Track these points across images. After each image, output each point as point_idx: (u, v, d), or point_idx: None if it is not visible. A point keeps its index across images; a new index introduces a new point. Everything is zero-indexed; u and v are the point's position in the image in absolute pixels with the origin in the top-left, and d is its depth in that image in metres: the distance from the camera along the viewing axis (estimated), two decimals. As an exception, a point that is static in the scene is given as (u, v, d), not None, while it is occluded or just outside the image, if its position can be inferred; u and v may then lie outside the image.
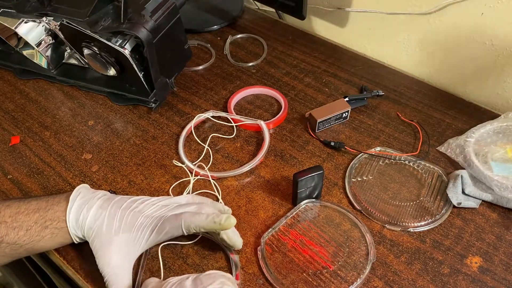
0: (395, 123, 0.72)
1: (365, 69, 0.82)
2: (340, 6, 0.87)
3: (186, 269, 0.54)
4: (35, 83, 0.81)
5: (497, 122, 0.66)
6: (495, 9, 0.68)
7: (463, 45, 0.75)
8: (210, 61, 0.85)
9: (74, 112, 0.75)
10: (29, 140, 0.71)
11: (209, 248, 0.56)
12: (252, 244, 0.57)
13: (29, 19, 0.72)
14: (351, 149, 0.68)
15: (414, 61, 0.83)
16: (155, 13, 0.67)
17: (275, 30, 0.92)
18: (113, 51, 0.66)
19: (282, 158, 0.67)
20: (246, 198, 0.62)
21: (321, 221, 0.59)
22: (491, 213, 0.60)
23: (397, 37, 0.83)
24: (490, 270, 0.54)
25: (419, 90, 0.78)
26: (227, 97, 0.77)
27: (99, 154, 0.68)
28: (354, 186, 0.63)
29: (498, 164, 0.61)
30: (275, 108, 0.76)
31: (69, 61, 0.79)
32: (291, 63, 0.84)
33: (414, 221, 0.59)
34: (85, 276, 0.54)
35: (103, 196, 0.52)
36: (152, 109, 0.74)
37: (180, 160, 0.67)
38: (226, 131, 0.72)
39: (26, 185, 0.64)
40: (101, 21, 0.68)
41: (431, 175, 0.64)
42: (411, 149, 0.68)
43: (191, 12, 0.96)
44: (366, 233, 0.57)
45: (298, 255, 0.55)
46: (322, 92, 0.78)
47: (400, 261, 0.55)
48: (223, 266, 0.55)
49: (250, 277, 0.54)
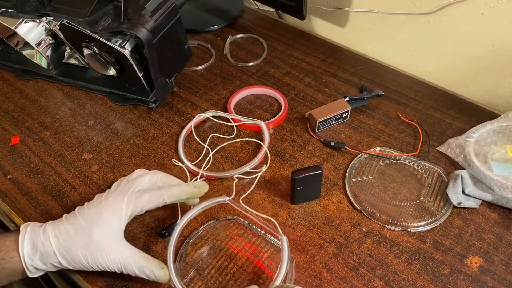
0: (395, 123, 0.72)
1: (365, 69, 0.82)
2: (340, 6, 0.87)
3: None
4: (35, 83, 0.81)
5: (497, 122, 0.66)
6: (495, 9, 0.68)
7: (463, 45, 0.75)
8: (210, 61, 0.85)
9: (74, 112, 0.75)
10: (29, 140, 0.71)
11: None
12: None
13: (29, 19, 0.72)
14: (351, 149, 0.68)
15: (414, 61, 0.83)
16: (155, 13, 0.67)
17: (275, 30, 0.92)
18: (113, 51, 0.66)
19: (282, 158, 0.67)
20: (246, 198, 0.62)
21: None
22: (491, 213, 0.60)
23: (397, 37, 0.83)
24: (490, 270, 0.54)
25: (419, 90, 0.78)
26: (227, 97, 0.77)
27: (99, 154, 0.68)
28: (354, 186, 0.63)
29: (498, 164, 0.61)
30: (275, 108, 0.76)
31: (69, 61, 0.79)
32: (291, 63, 0.84)
33: (414, 221, 0.59)
34: (85, 276, 0.54)
35: (50, 222, 0.50)
36: (152, 109, 0.74)
37: (180, 160, 0.67)
38: (226, 131, 0.72)
39: (26, 185, 0.64)
40: (101, 21, 0.68)
41: (431, 175, 0.64)
42: (411, 149, 0.68)
43: (191, 12, 0.96)
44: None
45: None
46: (322, 92, 0.78)
47: (400, 261, 0.55)
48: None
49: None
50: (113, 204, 0.50)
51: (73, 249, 0.48)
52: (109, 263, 0.48)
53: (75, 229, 0.49)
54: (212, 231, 0.58)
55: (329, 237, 0.58)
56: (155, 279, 0.49)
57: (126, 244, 0.50)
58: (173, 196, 0.53)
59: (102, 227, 0.49)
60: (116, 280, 0.53)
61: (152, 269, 0.49)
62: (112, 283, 0.53)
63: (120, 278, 0.53)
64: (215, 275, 0.54)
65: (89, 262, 0.48)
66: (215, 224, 0.59)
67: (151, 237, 0.58)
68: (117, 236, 0.50)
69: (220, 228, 0.59)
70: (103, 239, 0.48)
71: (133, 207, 0.50)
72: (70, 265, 0.48)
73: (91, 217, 0.49)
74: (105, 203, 0.50)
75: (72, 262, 0.48)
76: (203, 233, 0.58)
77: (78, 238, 0.48)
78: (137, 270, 0.49)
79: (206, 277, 0.54)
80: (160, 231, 0.58)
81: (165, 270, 0.50)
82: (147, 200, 0.51)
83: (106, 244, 0.48)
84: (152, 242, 0.57)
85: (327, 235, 0.58)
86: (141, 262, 0.49)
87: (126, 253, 0.49)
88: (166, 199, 0.53)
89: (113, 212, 0.50)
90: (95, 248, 0.48)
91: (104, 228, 0.49)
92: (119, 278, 0.53)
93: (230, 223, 0.59)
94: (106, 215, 0.49)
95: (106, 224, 0.49)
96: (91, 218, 0.49)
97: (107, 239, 0.49)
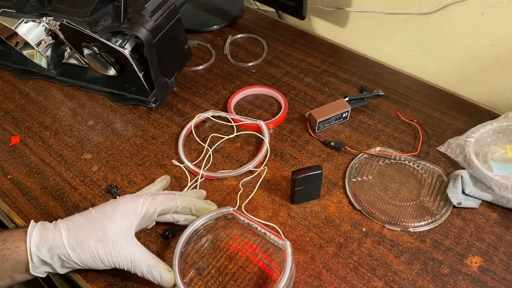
0: (395, 123, 0.72)
1: (365, 69, 0.82)
2: (340, 6, 0.87)
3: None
4: (35, 83, 0.81)
5: (497, 122, 0.66)
6: (495, 9, 0.68)
7: (463, 45, 0.75)
8: (210, 61, 0.85)
9: (74, 112, 0.75)
10: (29, 140, 0.71)
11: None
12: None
13: (29, 19, 0.72)
14: (351, 149, 0.68)
15: (414, 61, 0.83)
16: (155, 13, 0.67)
17: (275, 30, 0.92)
18: (113, 51, 0.66)
19: (282, 158, 0.67)
20: (246, 198, 0.62)
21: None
22: (491, 213, 0.60)
23: (397, 37, 0.83)
24: (490, 270, 0.54)
25: (419, 90, 0.78)
26: (227, 97, 0.77)
27: (99, 154, 0.68)
28: (354, 186, 0.63)
29: (498, 164, 0.61)
30: (275, 108, 0.76)
31: (69, 61, 0.79)
32: (291, 63, 0.84)
33: (414, 221, 0.59)
34: (85, 276, 0.54)
35: (62, 219, 0.50)
36: (152, 109, 0.74)
37: (180, 160, 0.67)
38: (226, 131, 0.72)
39: (26, 185, 0.64)
40: (101, 21, 0.68)
41: (431, 175, 0.64)
42: (411, 149, 0.68)
43: (191, 12, 0.96)
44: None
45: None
46: (322, 92, 0.78)
47: (400, 261, 0.55)
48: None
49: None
50: (128, 201, 0.51)
51: (84, 240, 0.48)
52: (120, 258, 0.48)
53: (89, 222, 0.49)
54: (212, 231, 0.58)
55: (329, 237, 0.58)
56: (159, 281, 0.49)
57: (137, 242, 0.50)
58: (186, 202, 0.54)
59: (116, 222, 0.49)
60: (116, 280, 0.53)
61: (160, 270, 0.49)
62: (112, 283, 0.53)
63: (120, 278, 0.53)
64: (215, 275, 0.54)
65: (100, 255, 0.48)
66: (215, 224, 0.59)
67: (151, 237, 0.58)
68: (130, 233, 0.50)
69: (220, 228, 0.59)
70: (117, 234, 0.49)
71: (148, 207, 0.51)
72: (78, 258, 0.47)
73: (106, 211, 0.50)
74: (121, 200, 0.51)
75: (81, 254, 0.47)
76: (203, 233, 0.58)
77: (91, 230, 0.48)
78: (145, 269, 0.49)
79: (206, 277, 0.54)
80: (163, 233, 0.58)
81: (172, 274, 0.50)
82: (160, 201, 0.52)
83: (120, 238, 0.48)
84: (152, 242, 0.57)
85: (327, 235, 0.58)
86: (150, 262, 0.49)
87: (137, 251, 0.49)
88: (179, 203, 0.53)
89: (128, 209, 0.50)
90: (109, 241, 0.48)
91: (118, 223, 0.49)
92: (119, 278, 0.53)
93: (230, 223, 0.59)
94: (121, 211, 0.50)
95: (121, 220, 0.49)
96: (106, 213, 0.50)
97: (120, 234, 0.49)
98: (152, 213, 0.52)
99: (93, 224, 0.49)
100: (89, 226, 0.49)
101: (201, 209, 0.56)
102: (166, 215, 0.55)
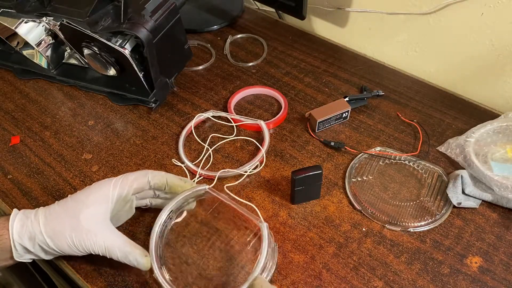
0: (395, 123, 0.72)
1: (365, 69, 0.82)
2: (340, 6, 0.87)
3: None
4: (35, 83, 0.81)
5: (497, 122, 0.66)
6: (495, 9, 0.68)
7: (463, 45, 0.75)
8: (210, 61, 0.85)
9: (74, 112, 0.75)
10: (29, 140, 0.71)
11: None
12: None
13: (29, 19, 0.72)
14: (351, 149, 0.68)
15: (414, 61, 0.83)
16: (155, 13, 0.67)
17: (275, 30, 0.92)
18: (113, 51, 0.66)
19: (282, 158, 0.67)
20: (246, 198, 0.62)
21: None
22: (491, 213, 0.60)
23: (397, 37, 0.83)
24: (490, 270, 0.54)
25: (419, 90, 0.78)
26: (227, 97, 0.77)
27: (99, 154, 0.68)
28: (354, 186, 0.63)
29: (498, 164, 0.61)
30: (275, 108, 0.76)
31: (69, 61, 0.79)
32: (291, 63, 0.84)
33: (414, 221, 0.59)
34: (85, 276, 0.54)
35: (43, 207, 0.51)
36: (152, 109, 0.74)
37: (180, 160, 0.67)
38: (226, 131, 0.72)
39: (26, 185, 0.64)
40: (101, 21, 0.68)
41: (431, 175, 0.64)
42: (411, 149, 0.68)
43: (191, 12, 0.96)
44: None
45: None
46: (322, 92, 0.78)
47: (400, 261, 0.55)
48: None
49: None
50: (100, 186, 0.51)
51: (60, 229, 0.49)
52: (94, 246, 0.49)
53: (64, 210, 0.50)
54: (190, 212, 0.58)
55: (329, 237, 0.58)
56: (137, 265, 0.50)
57: (112, 228, 0.51)
58: (157, 178, 0.54)
59: (89, 209, 0.49)
60: (116, 280, 0.53)
61: (136, 256, 0.49)
62: (112, 283, 0.53)
63: (120, 278, 0.53)
64: (193, 255, 0.54)
65: (75, 243, 0.48)
66: (193, 203, 0.58)
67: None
68: (104, 218, 0.50)
69: (197, 207, 0.58)
70: (90, 221, 0.49)
71: (120, 189, 0.51)
72: (56, 246, 0.49)
73: (80, 199, 0.50)
74: (94, 186, 0.52)
75: (57, 242, 0.48)
76: (181, 213, 0.57)
77: (66, 219, 0.49)
78: (120, 255, 0.49)
79: (185, 256, 0.54)
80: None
81: (148, 258, 0.50)
82: (132, 179, 0.52)
83: (93, 226, 0.49)
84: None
85: (327, 235, 0.58)
86: (126, 248, 0.49)
87: (111, 237, 0.49)
88: (151, 179, 0.53)
89: (101, 194, 0.51)
90: (82, 230, 0.48)
91: (91, 210, 0.49)
92: (119, 278, 0.53)
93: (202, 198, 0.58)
94: (94, 197, 0.50)
95: (93, 206, 0.50)
96: (80, 200, 0.50)
97: (93, 221, 0.49)
98: (126, 194, 0.52)
99: (67, 213, 0.49)
100: (64, 214, 0.49)
101: (174, 186, 0.55)
102: (142, 201, 0.56)
